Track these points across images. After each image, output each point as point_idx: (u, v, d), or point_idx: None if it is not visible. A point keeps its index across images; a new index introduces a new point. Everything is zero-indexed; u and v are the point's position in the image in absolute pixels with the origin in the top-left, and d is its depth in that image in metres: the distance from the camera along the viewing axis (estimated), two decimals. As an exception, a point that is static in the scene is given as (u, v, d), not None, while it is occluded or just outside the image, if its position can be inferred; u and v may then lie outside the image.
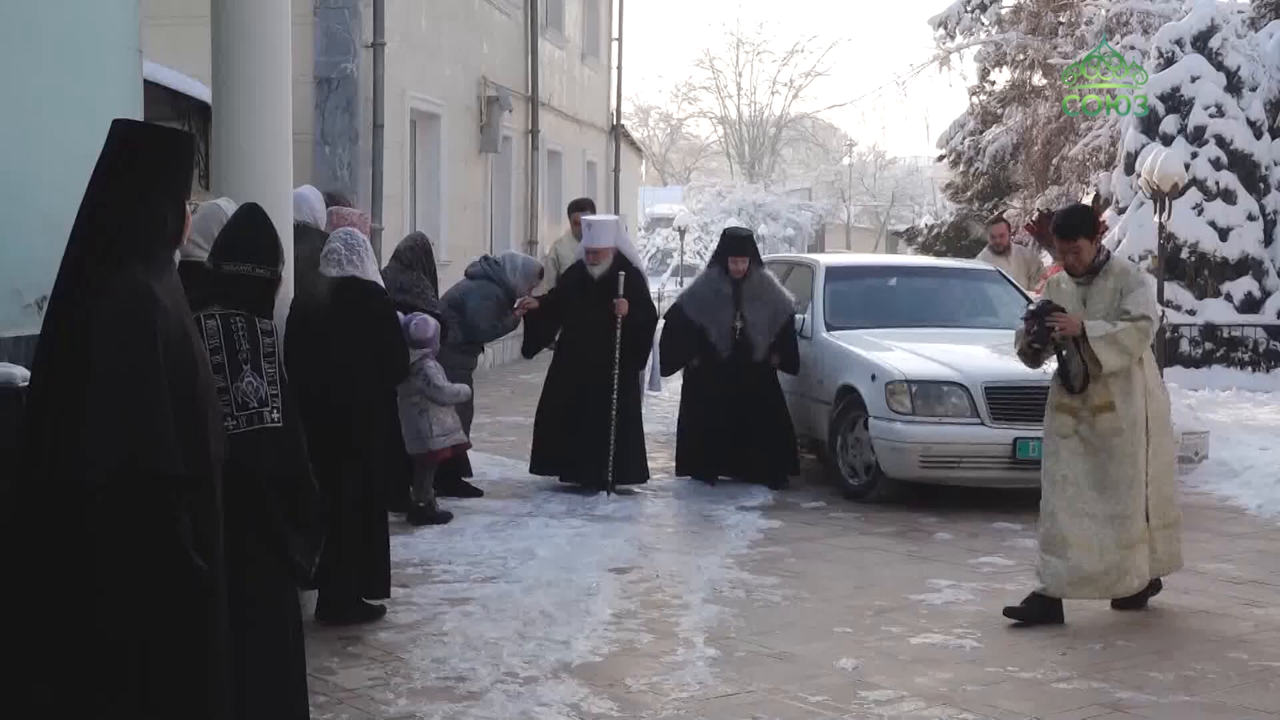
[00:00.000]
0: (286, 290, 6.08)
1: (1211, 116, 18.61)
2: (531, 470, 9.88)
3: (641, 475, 9.85)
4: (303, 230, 7.20)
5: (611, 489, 9.39)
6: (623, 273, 9.64)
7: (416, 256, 8.97)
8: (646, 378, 10.17)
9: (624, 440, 9.51)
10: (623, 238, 9.98)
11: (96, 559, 3.41)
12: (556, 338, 10.04)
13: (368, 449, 6.44)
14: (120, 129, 3.64)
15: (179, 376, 3.48)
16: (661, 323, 10.49)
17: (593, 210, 11.45)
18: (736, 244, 10.41)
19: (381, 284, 6.79)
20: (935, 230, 30.33)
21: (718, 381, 10.06)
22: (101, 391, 3.35)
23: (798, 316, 10.58)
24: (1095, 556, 6.55)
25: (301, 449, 4.51)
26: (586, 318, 9.66)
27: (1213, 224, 18.30)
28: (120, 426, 3.35)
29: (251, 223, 4.65)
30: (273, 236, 4.66)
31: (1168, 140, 18.42)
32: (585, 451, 9.49)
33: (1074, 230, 6.71)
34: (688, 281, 14.61)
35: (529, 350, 10.17)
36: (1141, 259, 18.21)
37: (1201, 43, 19.01)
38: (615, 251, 9.76)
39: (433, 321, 8.57)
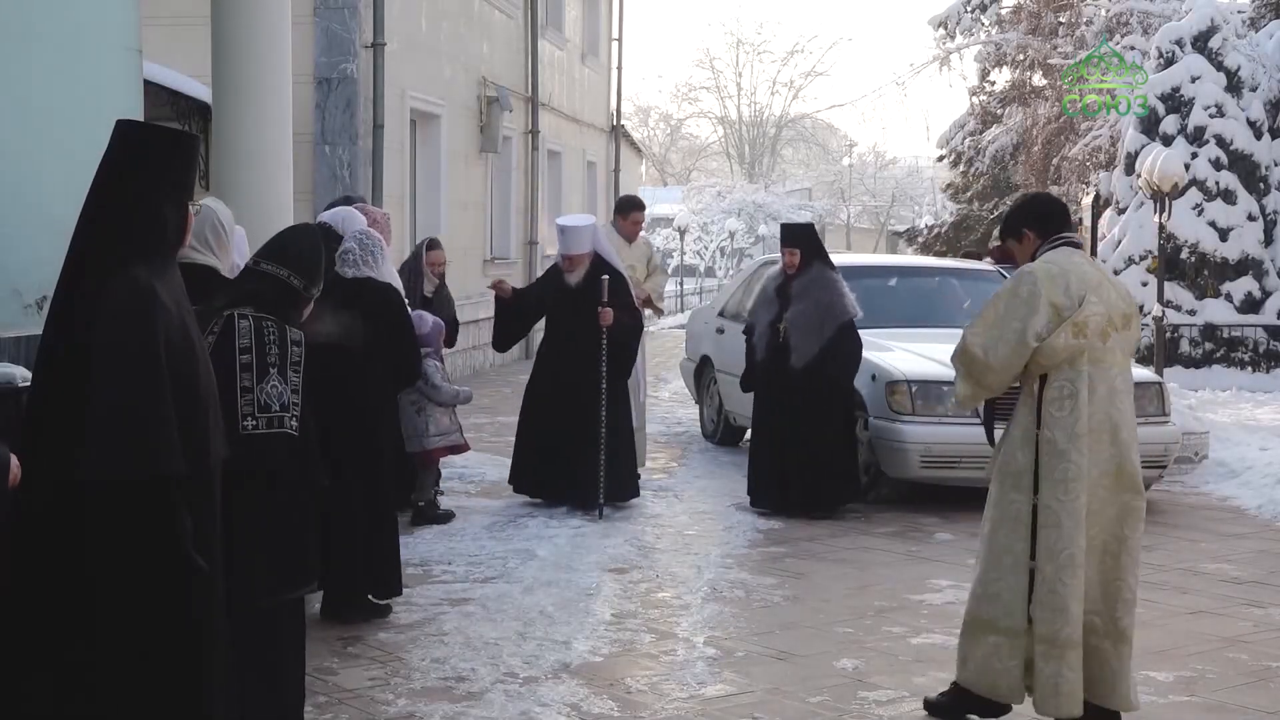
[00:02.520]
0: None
1: (1211, 117, 18.63)
2: (510, 483, 9.31)
3: (632, 492, 9.29)
4: (327, 232, 7.23)
5: (601, 512, 8.82)
6: (605, 277, 8.94)
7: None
8: (639, 387, 9.42)
9: (613, 456, 8.95)
10: (600, 242, 9.25)
11: (96, 559, 3.41)
12: (538, 348, 9.49)
13: (378, 448, 6.45)
14: (123, 129, 3.64)
15: (181, 377, 3.48)
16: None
17: (642, 209, 10.63)
18: (787, 235, 9.50)
19: (397, 285, 6.80)
20: (935, 230, 30.39)
21: (764, 391, 9.36)
22: (104, 392, 3.35)
23: None
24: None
25: (317, 460, 4.59)
26: (564, 329, 9.10)
27: (1213, 224, 18.33)
28: (122, 427, 3.35)
29: (302, 236, 4.75)
30: (318, 253, 4.72)
31: (1168, 140, 18.44)
32: (570, 476, 8.92)
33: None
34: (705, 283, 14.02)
35: (499, 343, 9.45)
36: (1141, 259, 18.26)
37: (1201, 43, 19.03)
38: (593, 257, 9.10)
39: (430, 318, 8.58)
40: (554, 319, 9.26)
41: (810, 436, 9.05)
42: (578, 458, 8.90)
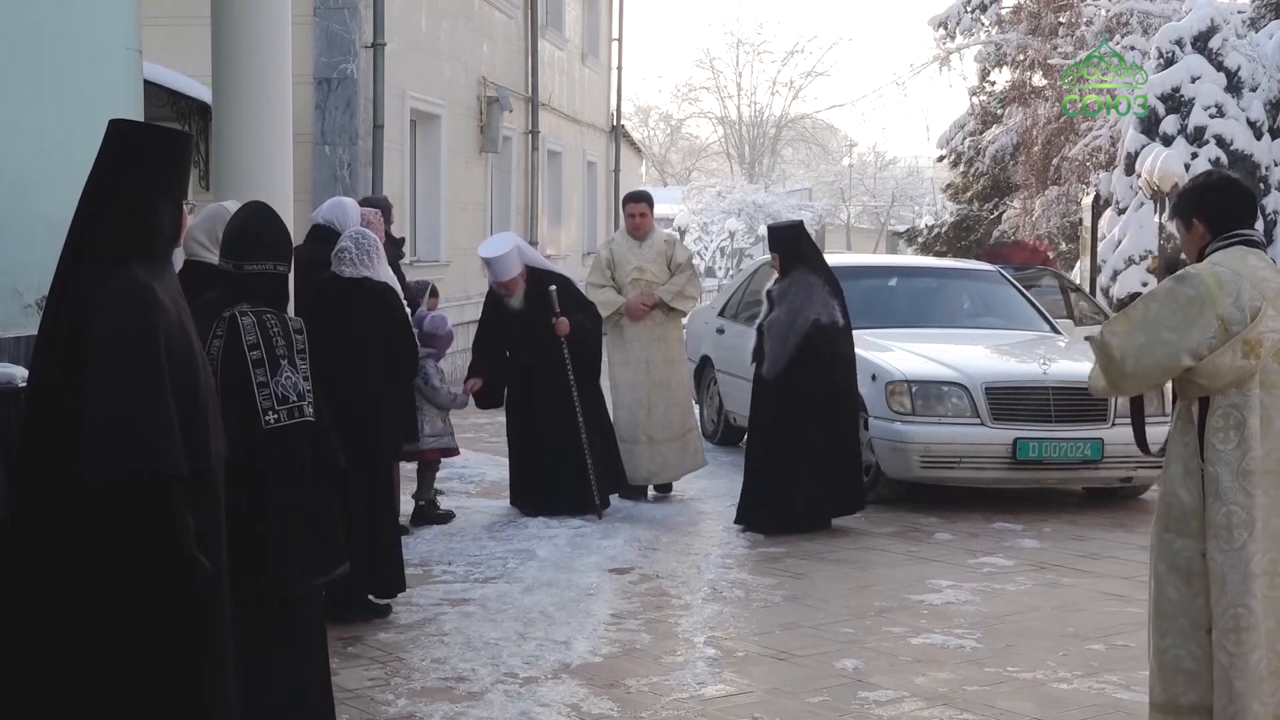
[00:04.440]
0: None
1: (1211, 117, 18.65)
2: (512, 503, 9.11)
3: (618, 486, 9.21)
4: (327, 233, 7.22)
5: (600, 513, 8.80)
6: (553, 288, 8.78)
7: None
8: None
9: (595, 454, 8.85)
10: (528, 255, 9.07)
11: (98, 558, 3.40)
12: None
13: (379, 448, 6.46)
14: (117, 129, 3.63)
15: (180, 376, 3.47)
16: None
17: (650, 203, 9.95)
18: (770, 238, 9.18)
19: (394, 284, 6.81)
20: (935, 230, 30.39)
21: (752, 403, 9.03)
22: (103, 391, 3.35)
23: None
24: None
25: (334, 443, 4.68)
26: (520, 352, 8.91)
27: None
28: (123, 427, 3.34)
29: (267, 221, 4.74)
30: (286, 233, 4.79)
31: (1168, 140, 18.46)
32: (563, 484, 8.80)
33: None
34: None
35: (489, 404, 9.13)
36: (1142, 259, 18.26)
37: (1201, 43, 19.05)
38: (526, 273, 8.86)
39: (449, 323, 8.56)
40: (510, 344, 8.99)
41: (785, 451, 8.56)
42: (567, 468, 8.77)
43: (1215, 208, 4.31)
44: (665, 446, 9.63)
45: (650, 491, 9.75)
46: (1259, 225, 18.61)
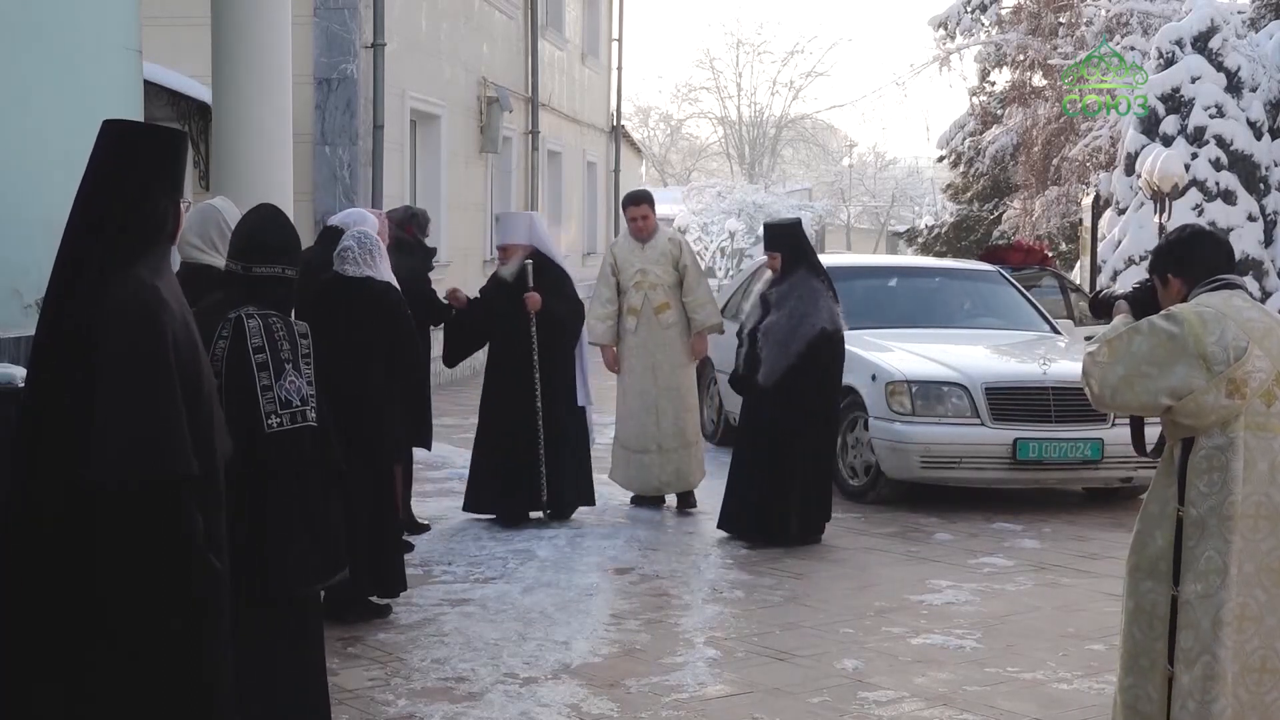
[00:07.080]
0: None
1: (1212, 117, 18.65)
2: (465, 508, 8.64)
3: (585, 498, 8.79)
4: (337, 236, 7.22)
5: (546, 509, 8.49)
6: (529, 261, 8.48)
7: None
8: (579, 390, 8.80)
9: (557, 457, 8.49)
10: (539, 234, 8.78)
11: (107, 561, 3.39)
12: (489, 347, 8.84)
13: (380, 448, 6.46)
14: (114, 128, 3.62)
15: (187, 375, 3.47)
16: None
17: (650, 204, 9.54)
18: (768, 237, 8.73)
19: (395, 283, 6.82)
20: (935, 231, 30.39)
21: (741, 409, 8.66)
22: (114, 393, 3.33)
23: None
24: None
25: (337, 447, 4.69)
26: (505, 326, 8.56)
27: (1213, 224, 18.33)
28: (136, 429, 3.33)
29: (277, 224, 4.75)
30: (296, 237, 4.79)
31: (1168, 141, 18.46)
32: (516, 478, 8.46)
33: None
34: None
35: (450, 358, 8.79)
36: (1142, 259, 18.25)
37: (1201, 43, 19.05)
38: (530, 250, 8.59)
39: None
40: (494, 315, 8.65)
41: (781, 460, 8.22)
42: (524, 460, 8.47)
43: (1189, 262, 4.22)
44: (677, 455, 9.27)
45: (668, 500, 9.45)
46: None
